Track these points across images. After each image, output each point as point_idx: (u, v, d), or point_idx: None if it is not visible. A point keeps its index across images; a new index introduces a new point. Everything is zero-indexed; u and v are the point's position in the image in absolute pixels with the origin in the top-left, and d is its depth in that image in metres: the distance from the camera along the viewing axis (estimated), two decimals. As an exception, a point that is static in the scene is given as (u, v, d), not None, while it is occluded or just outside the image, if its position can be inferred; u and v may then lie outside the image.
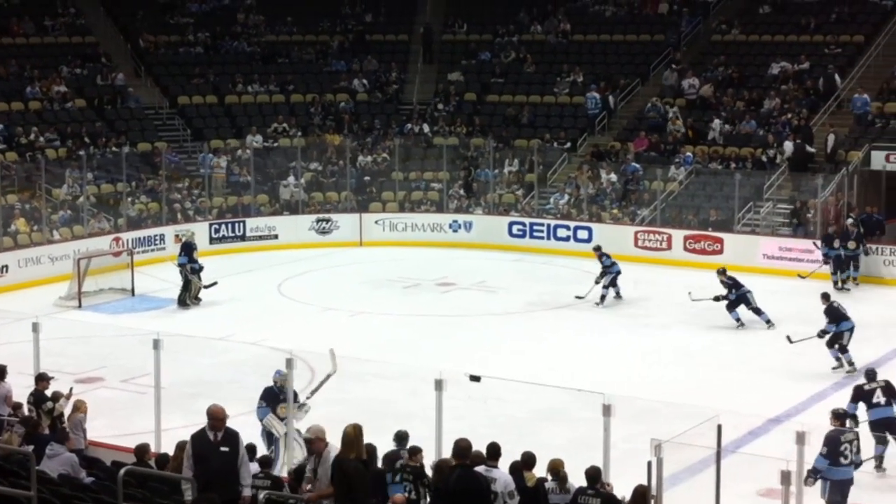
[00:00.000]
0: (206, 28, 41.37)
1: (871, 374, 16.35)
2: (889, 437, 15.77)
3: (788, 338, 21.42)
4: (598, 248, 26.80)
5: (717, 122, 34.92)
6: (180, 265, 26.35)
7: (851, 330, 21.00)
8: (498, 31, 41.68)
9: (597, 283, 26.10)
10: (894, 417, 15.82)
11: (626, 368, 20.87)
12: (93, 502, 10.99)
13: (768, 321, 23.91)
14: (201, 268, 26.51)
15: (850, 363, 20.78)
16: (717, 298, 24.15)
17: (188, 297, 26.22)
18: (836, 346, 20.94)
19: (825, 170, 31.94)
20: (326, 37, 42.40)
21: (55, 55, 38.35)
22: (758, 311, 24.09)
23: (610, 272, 26.17)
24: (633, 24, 41.04)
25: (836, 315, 21.08)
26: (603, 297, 25.97)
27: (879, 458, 15.68)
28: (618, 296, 26.36)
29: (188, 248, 26.53)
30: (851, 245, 27.56)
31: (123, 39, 40.27)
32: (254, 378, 18.75)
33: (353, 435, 10.76)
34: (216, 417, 11.25)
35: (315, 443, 11.00)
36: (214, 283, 26.53)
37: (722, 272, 24.56)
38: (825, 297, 21.78)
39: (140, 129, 36.76)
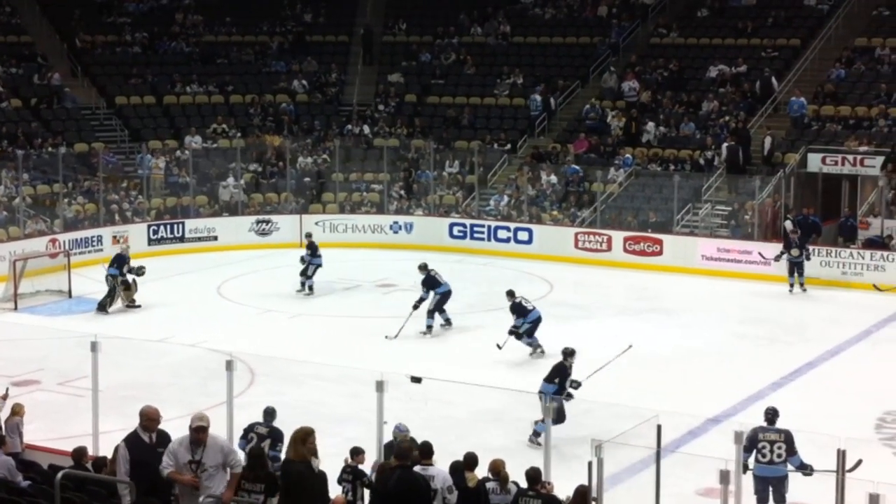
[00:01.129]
0: (143, 28, 41.01)
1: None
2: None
3: (498, 345, 21.71)
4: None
5: (650, 125, 35.17)
6: (110, 275, 26.00)
7: (537, 321, 22.00)
8: (438, 32, 41.69)
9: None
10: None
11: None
12: (29, 506, 10.86)
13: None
14: (139, 270, 26.15)
15: (538, 347, 21.92)
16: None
17: (109, 303, 25.84)
18: (525, 337, 21.97)
19: (762, 172, 32.25)
20: (266, 37, 42.22)
21: (-10, 54, 37.92)
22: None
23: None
24: (572, 27, 41.18)
25: (521, 310, 22.01)
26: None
27: None
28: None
29: (120, 261, 26.06)
30: (794, 252, 27.68)
31: (60, 39, 39.82)
32: (192, 380, 18.64)
33: (295, 437, 10.74)
34: (150, 418, 11.20)
35: (197, 432, 10.80)
36: (142, 268, 26.16)
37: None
38: (510, 294, 22.42)
39: (77, 129, 36.37)
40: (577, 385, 17.61)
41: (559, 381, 17.50)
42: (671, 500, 12.13)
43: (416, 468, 11.40)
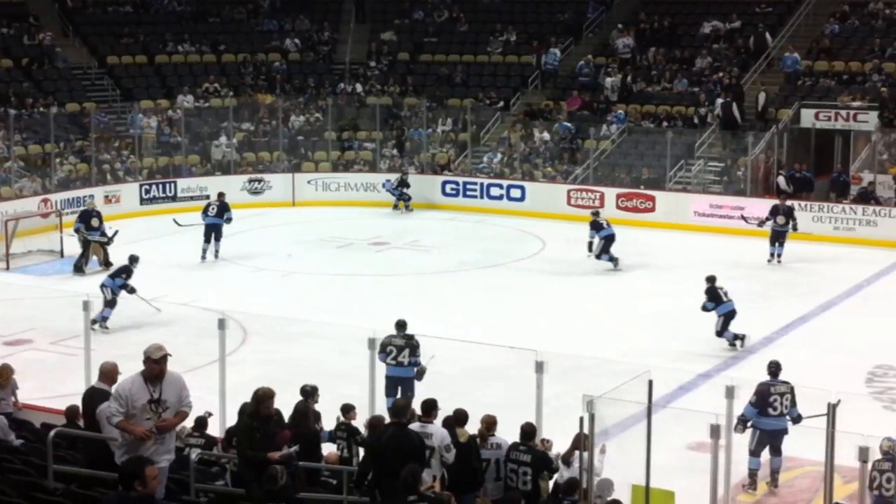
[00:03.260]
0: (134, -13, 40.79)
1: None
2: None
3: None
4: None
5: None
6: (75, 230, 25.90)
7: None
8: (431, -11, 41.49)
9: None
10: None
11: (558, 326, 20.93)
12: (22, 464, 10.86)
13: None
14: (107, 237, 25.91)
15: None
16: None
17: (84, 263, 25.73)
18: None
19: (756, 128, 32.21)
20: (258, -4, 42.03)
21: (-20, 15, 37.67)
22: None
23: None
24: (565, -17, 40.99)
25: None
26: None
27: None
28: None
29: (85, 216, 25.87)
30: (780, 220, 26.25)
31: (51, -1, 39.65)
32: (184, 339, 18.65)
33: (255, 396, 10.62)
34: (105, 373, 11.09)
35: (159, 363, 9.76)
36: (115, 233, 26.01)
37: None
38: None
39: (68, 89, 36.20)
40: None
41: None
42: (662, 455, 12.14)
43: (415, 426, 11.38)
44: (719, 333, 19.82)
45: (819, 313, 22.23)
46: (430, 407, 11.83)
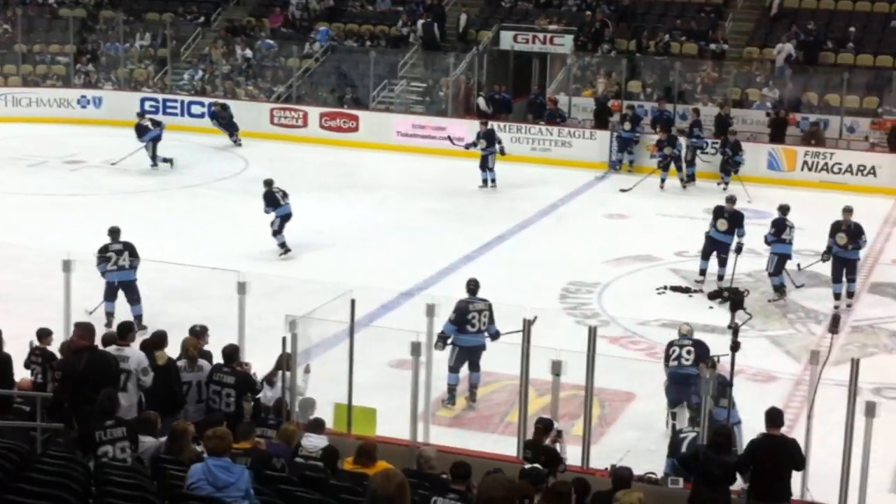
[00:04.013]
0: None
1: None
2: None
3: None
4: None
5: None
6: None
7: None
8: None
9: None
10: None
11: (260, 246, 20.71)
12: None
13: None
14: None
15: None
16: None
17: None
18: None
19: (457, 49, 32.63)
20: None
21: None
22: None
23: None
24: None
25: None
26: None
27: None
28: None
29: None
30: (482, 144, 26.09)
31: None
32: None
33: None
34: None
35: None
36: None
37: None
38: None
39: None
40: None
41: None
42: (364, 373, 12.30)
43: (112, 349, 11.18)
44: (276, 233, 20.24)
45: (516, 232, 22.84)
46: (125, 329, 11.62)
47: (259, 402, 11.85)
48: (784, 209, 19.15)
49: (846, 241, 18.23)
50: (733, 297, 13.80)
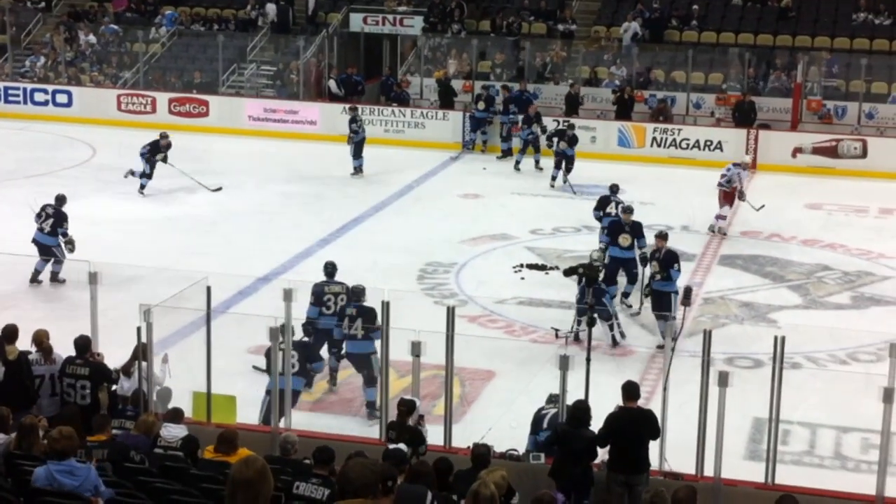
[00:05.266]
0: None
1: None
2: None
3: None
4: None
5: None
6: None
7: None
8: None
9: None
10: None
11: (112, 236, 20.33)
12: None
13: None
14: None
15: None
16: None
17: None
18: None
19: (307, 31, 32.41)
20: None
21: None
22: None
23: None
24: None
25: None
26: None
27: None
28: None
29: None
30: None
31: None
32: None
33: None
34: None
35: None
36: None
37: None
38: None
39: None
40: None
41: None
42: (223, 360, 12.15)
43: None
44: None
45: (372, 214, 22.82)
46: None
47: (116, 393, 11.63)
48: (614, 189, 19.58)
49: (657, 270, 16.22)
50: (588, 273, 14.02)
